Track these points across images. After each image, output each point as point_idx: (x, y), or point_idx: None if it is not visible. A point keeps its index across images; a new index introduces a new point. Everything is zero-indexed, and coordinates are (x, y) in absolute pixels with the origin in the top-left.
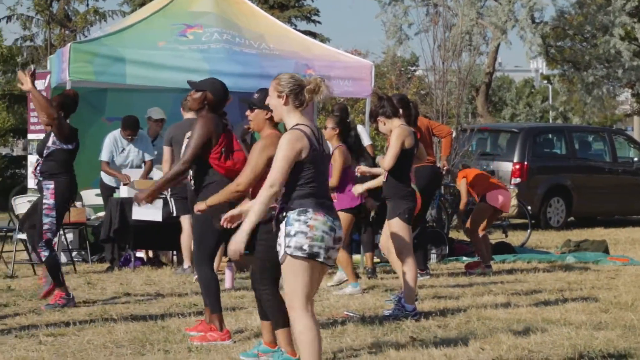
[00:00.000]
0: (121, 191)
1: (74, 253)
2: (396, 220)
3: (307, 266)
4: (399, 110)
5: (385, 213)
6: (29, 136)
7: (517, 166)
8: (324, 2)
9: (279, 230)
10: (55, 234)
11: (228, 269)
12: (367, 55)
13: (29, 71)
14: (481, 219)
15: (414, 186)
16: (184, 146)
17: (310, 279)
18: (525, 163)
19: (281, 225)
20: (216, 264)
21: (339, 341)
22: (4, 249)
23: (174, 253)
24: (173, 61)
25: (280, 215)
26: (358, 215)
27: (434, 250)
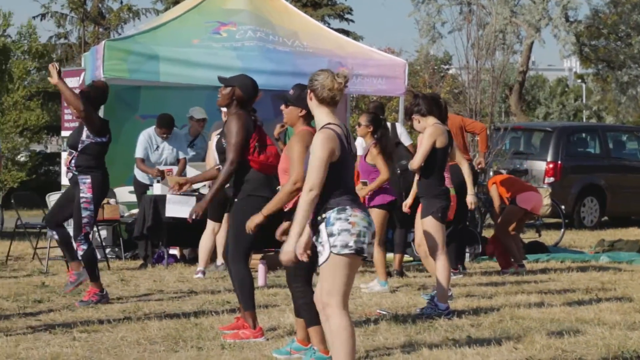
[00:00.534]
0: (154, 188)
1: (108, 250)
2: (429, 219)
3: (350, 263)
4: (433, 109)
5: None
6: (63, 133)
7: (551, 165)
8: (357, 1)
9: (318, 233)
10: (92, 227)
11: (261, 266)
12: (401, 54)
13: (53, 66)
14: (511, 221)
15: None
16: (211, 147)
17: (350, 277)
18: (559, 162)
19: (321, 227)
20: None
21: (372, 339)
22: (38, 245)
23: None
24: (206, 59)
25: (319, 217)
26: (391, 212)
27: (467, 249)
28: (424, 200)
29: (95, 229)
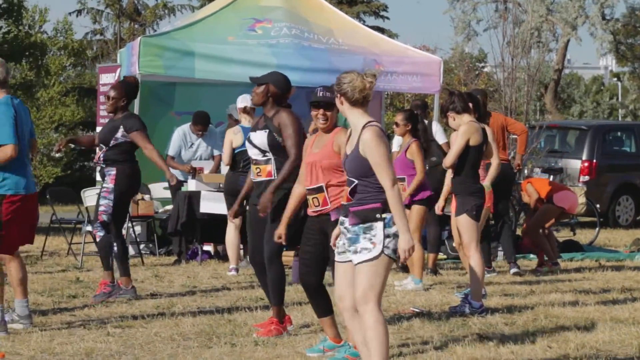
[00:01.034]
0: (189, 185)
1: (142, 246)
2: (464, 217)
3: (390, 266)
4: (469, 106)
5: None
6: (98, 129)
7: (586, 164)
8: None
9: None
10: (111, 217)
11: (295, 262)
12: (436, 51)
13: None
14: (546, 220)
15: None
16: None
17: (387, 276)
18: (594, 161)
19: (377, 224)
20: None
21: (405, 337)
22: (73, 240)
23: (241, 247)
24: (242, 56)
25: (378, 215)
26: (429, 207)
27: (500, 248)
28: (458, 198)
29: (129, 224)
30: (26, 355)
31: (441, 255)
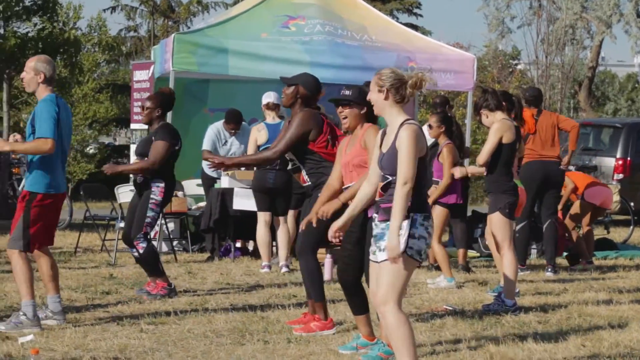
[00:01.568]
0: (222, 182)
1: (175, 242)
2: (497, 215)
3: (413, 267)
4: (502, 104)
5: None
6: (132, 126)
7: (620, 162)
8: None
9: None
10: (153, 228)
11: (328, 260)
12: (469, 49)
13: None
14: (580, 216)
15: (517, 181)
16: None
17: (410, 277)
18: (629, 159)
19: (405, 223)
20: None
21: (438, 335)
22: (106, 237)
23: (274, 244)
24: (275, 53)
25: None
26: (457, 209)
27: (534, 246)
28: (491, 195)
29: (162, 221)
30: (60, 351)
31: (474, 253)
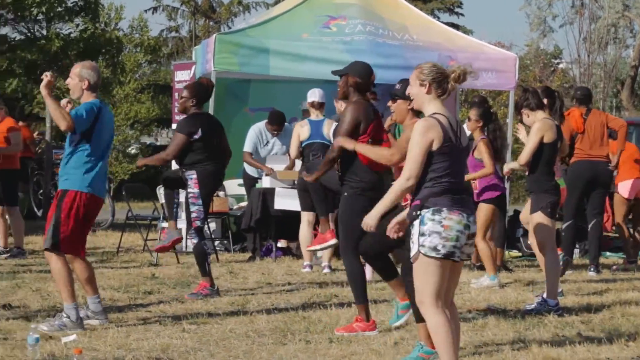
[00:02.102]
0: (263, 182)
1: (217, 242)
2: (538, 214)
3: (439, 265)
4: (543, 103)
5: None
6: (173, 126)
7: None
8: None
9: (412, 226)
10: (204, 221)
11: None
12: (511, 48)
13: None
14: (619, 211)
15: (560, 180)
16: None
17: (441, 277)
18: None
19: (415, 222)
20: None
21: (480, 335)
22: (148, 237)
23: None
24: (316, 53)
25: (414, 213)
26: (499, 205)
27: (577, 245)
28: (533, 195)
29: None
30: (102, 351)
31: (516, 253)
